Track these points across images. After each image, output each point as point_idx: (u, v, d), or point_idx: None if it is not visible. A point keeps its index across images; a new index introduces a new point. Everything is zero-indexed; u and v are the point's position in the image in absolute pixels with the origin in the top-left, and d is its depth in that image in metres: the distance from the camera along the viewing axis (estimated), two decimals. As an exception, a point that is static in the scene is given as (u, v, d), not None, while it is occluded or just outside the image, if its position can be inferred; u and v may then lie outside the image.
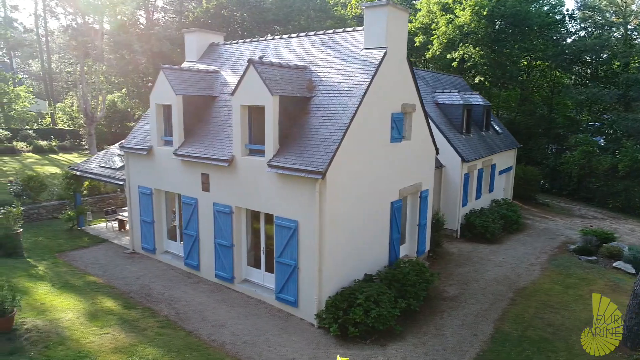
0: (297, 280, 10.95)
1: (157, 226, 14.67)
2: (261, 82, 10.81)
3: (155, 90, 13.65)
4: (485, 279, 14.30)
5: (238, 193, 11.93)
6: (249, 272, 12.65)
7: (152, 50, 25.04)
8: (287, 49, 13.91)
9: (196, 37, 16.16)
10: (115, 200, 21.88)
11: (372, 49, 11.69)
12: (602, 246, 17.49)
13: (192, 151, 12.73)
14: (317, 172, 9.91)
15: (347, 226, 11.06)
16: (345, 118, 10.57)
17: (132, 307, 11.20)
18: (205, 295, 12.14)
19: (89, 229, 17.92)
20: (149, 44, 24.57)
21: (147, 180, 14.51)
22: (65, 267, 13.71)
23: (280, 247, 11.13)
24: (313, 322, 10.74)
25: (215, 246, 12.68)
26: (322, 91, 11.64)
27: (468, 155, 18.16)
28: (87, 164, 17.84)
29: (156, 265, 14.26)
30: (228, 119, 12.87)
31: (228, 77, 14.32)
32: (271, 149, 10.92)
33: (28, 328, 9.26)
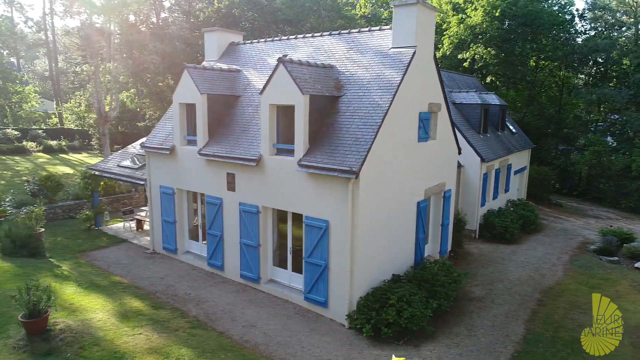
0: (327, 281, 10.87)
1: (179, 226, 14.61)
2: (291, 81, 10.74)
3: (179, 89, 13.58)
4: (510, 279, 14.22)
5: (265, 193, 11.86)
6: (275, 272, 12.58)
7: (165, 50, 24.98)
8: (311, 48, 13.84)
9: (216, 36, 16.09)
10: (130, 200, 21.82)
11: (400, 47, 11.62)
12: (623, 246, 17.41)
13: (217, 151, 12.66)
14: (351, 171, 9.83)
15: (376, 226, 10.99)
16: (377, 117, 10.50)
17: (160, 307, 11.13)
18: (232, 296, 12.07)
19: (107, 229, 17.85)
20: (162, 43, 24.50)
21: (169, 179, 14.44)
22: (89, 267, 13.64)
23: (309, 247, 11.06)
24: (344, 323, 10.67)
25: (241, 246, 12.61)
26: (350, 90, 11.57)
27: (487, 155, 18.08)
28: (105, 164, 17.77)
29: (178, 266, 14.19)
30: (253, 118, 12.80)
31: (251, 77, 14.25)
32: (301, 148, 10.85)
33: (61, 329, 9.19)
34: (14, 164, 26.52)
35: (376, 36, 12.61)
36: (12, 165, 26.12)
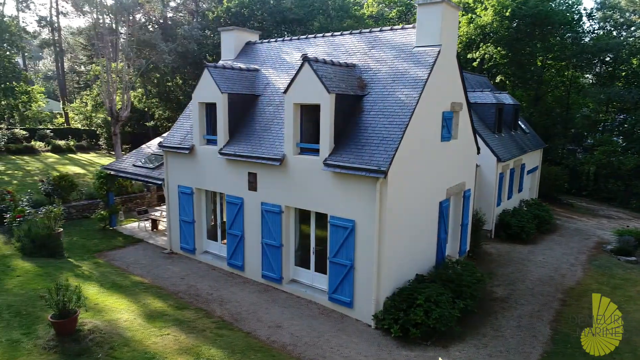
0: (352, 281, 10.81)
1: (197, 226, 14.54)
2: (317, 79, 10.67)
3: (199, 88, 13.51)
4: (530, 279, 14.15)
5: (288, 192, 11.79)
6: (297, 272, 12.51)
7: (177, 50, 24.92)
8: (330, 47, 13.77)
9: (233, 36, 16.03)
10: (142, 200, 21.77)
11: (425, 46, 11.55)
12: (640, 246, 17.35)
13: (238, 150, 12.59)
14: (379, 170, 9.77)
15: (402, 226, 10.92)
16: (404, 116, 10.43)
17: (184, 307, 11.07)
18: (255, 296, 12.00)
19: (122, 229, 17.79)
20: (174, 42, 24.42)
21: (187, 179, 14.38)
22: (108, 267, 13.58)
23: (334, 247, 10.99)
24: (370, 323, 10.60)
25: (263, 246, 12.54)
26: (374, 89, 11.50)
27: (503, 155, 18.01)
28: (120, 164, 17.71)
29: (197, 266, 14.13)
30: (274, 117, 12.74)
31: (270, 76, 14.19)
32: (327, 147, 10.78)
33: (90, 329, 9.12)
34: (24, 164, 26.47)
35: (399, 35, 12.54)
36: (22, 165, 26.07)
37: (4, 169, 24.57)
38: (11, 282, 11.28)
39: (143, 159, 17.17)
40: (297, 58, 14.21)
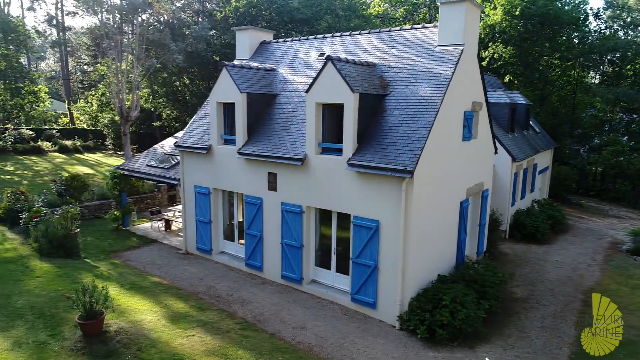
0: (376, 282, 10.73)
1: (214, 226, 14.46)
2: (340, 79, 10.60)
3: (217, 88, 13.44)
4: (549, 279, 14.09)
5: (310, 192, 11.72)
6: (317, 273, 12.43)
7: (187, 50, 24.84)
8: (348, 46, 13.70)
9: (248, 35, 15.94)
10: (153, 200, 21.69)
11: (447, 45, 11.47)
12: (656, 247, 17.29)
13: (257, 150, 12.52)
14: (405, 170, 9.70)
15: (426, 226, 10.86)
16: (429, 116, 10.36)
17: (206, 308, 10.99)
18: (275, 297, 11.92)
19: (135, 229, 17.72)
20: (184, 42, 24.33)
21: (204, 179, 14.30)
22: (125, 268, 13.50)
23: (358, 247, 10.92)
24: (394, 324, 10.53)
25: (282, 247, 12.47)
26: (396, 89, 11.43)
27: (518, 155, 17.94)
28: (133, 164, 17.63)
29: (214, 266, 14.04)
30: (294, 117, 12.66)
31: (287, 75, 14.11)
32: (350, 147, 10.71)
33: (116, 330, 9.05)
34: (32, 164, 26.38)
35: (419, 34, 12.47)
36: (30, 165, 25.98)
37: (13, 169, 24.49)
38: (32, 283, 11.20)
39: (157, 159, 17.09)
40: (314, 57, 14.15)
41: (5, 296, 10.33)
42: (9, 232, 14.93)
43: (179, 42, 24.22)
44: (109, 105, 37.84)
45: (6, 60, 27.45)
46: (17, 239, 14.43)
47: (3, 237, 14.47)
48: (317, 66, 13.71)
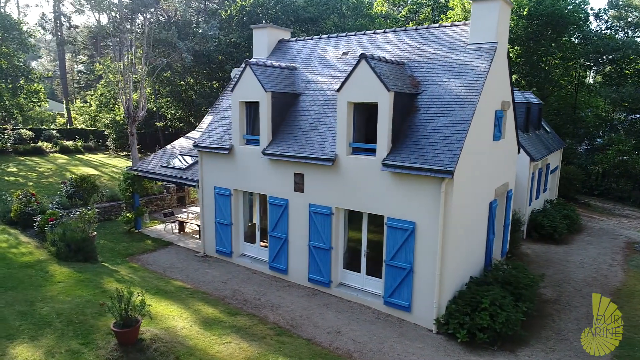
0: (411, 284, 10.50)
1: (235, 228, 14.14)
2: (375, 77, 10.36)
3: (239, 87, 13.12)
4: (575, 280, 13.98)
5: (340, 193, 11.45)
6: (345, 275, 12.17)
7: (194, 49, 24.41)
8: (373, 45, 13.46)
9: (266, 33, 15.64)
10: (162, 202, 21.28)
11: (480, 44, 11.28)
12: (673, 246, 17.28)
13: (283, 150, 12.23)
14: (445, 171, 9.48)
15: (462, 228, 10.65)
16: (466, 115, 10.15)
17: (236, 313, 10.68)
18: (304, 300, 11.65)
19: (148, 231, 17.32)
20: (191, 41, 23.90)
21: (225, 180, 13.97)
22: (145, 272, 13.13)
23: (392, 249, 10.68)
24: (430, 328, 10.31)
25: (310, 249, 12.19)
26: (428, 88, 11.21)
27: (535, 155, 17.84)
28: (146, 164, 17.23)
29: (236, 269, 13.73)
30: (320, 117, 12.39)
31: (309, 74, 13.84)
32: (385, 147, 10.47)
33: (151, 338, 8.71)
34: (34, 165, 25.80)
35: (448, 32, 12.27)
36: (33, 167, 25.40)
37: (16, 171, 23.91)
38: (54, 289, 10.80)
39: (172, 160, 16.71)
40: (337, 56, 13.89)
41: (29, 303, 9.94)
42: (22, 236, 14.47)
43: (187, 41, 23.81)
44: (108, 105, 37.27)
45: (6, 59, 26.84)
46: (31, 242, 13.98)
47: (17, 240, 14.02)
48: (341, 65, 13.47)
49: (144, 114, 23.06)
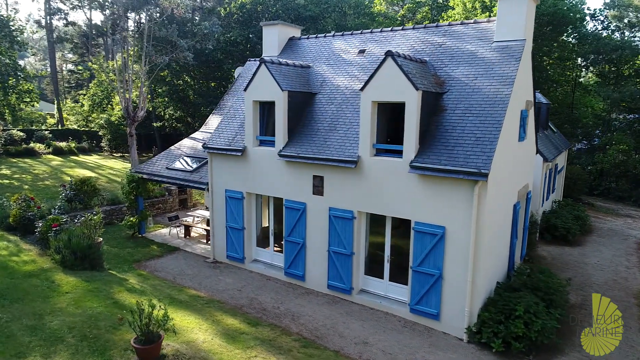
0: (440, 292, 10.08)
1: (247, 233, 13.60)
2: (402, 75, 9.92)
3: (253, 86, 12.60)
4: (597, 283, 13.69)
5: (362, 197, 10.99)
6: (367, 282, 11.72)
7: (195, 47, 23.74)
8: (391, 42, 13.02)
9: (277, 30, 15.12)
10: (165, 205, 20.62)
11: (507, 41, 10.91)
12: (687, 247, 17.14)
13: (301, 152, 11.73)
14: (479, 173, 9.08)
15: (491, 231, 10.25)
16: (498, 115, 9.76)
17: (257, 324, 10.15)
18: (325, 309, 11.16)
19: (152, 236, 16.69)
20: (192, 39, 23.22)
21: (237, 183, 13.43)
22: (155, 280, 12.54)
23: (419, 255, 10.24)
24: (461, 337, 9.90)
25: (330, 255, 11.71)
26: (454, 86, 10.80)
27: (548, 155, 17.59)
28: (150, 167, 16.58)
29: (249, 276, 13.19)
30: (339, 117, 11.93)
31: (325, 73, 13.35)
32: (412, 149, 10.04)
33: (173, 354, 8.16)
34: (28, 167, 24.91)
35: (471, 29, 11.89)
36: (27, 169, 24.51)
37: (9, 173, 23.02)
38: (62, 300, 10.16)
39: (178, 161, 16.10)
40: (353, 54, 13.43)
41: (37, 316, 9.30)
42: (22, 242, 13.75)
43: (188, 39, 23.16)
44: (101, 105, 36.35)
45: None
46: (32, 249, 13.27)
47: (17, 247, 13.30)
48: (357, 63, 13.01)
49: (143, 114, 22.36)
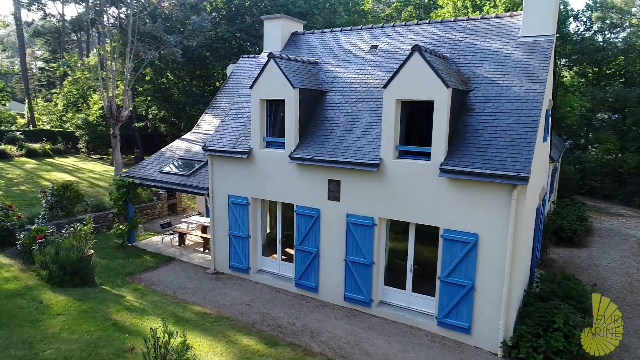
0: (472, 303, 9.42)
1: (253, 242, 12.65)
2: (431, 72, 9.21)
3: (261, 83, 11.67)
4: (614, 287, 13.36)
5: (384, 202, 10.23)
6: (386, 293, 10.96)
7: (183, 43, 22.46)
8: (406, 38, 12.32)
9: (279, 25, 14.21)
10: (153, 210, 19.37)
11: (533, 37, 10.34)
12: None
13: (316, 154, 10.88)
14: (519, 177, 8.45)
15: (524, 238, 9.66)
16: (533, 115, 9.17)
17: (274, 343, 9.25)
18: (345, 323, 10.34)
19: (143, 245, 15.51)
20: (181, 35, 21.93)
21: (242, 188, 12.46)
22: (155, 295, 11.44)
23: (448, 264, 9.55)
24: (495, 351, 9.25)
25: (347, 264, 10.90)
26: (480, 84, 10.17)
27: (554, 155, 17.27)
28: (141, 170, 15.39)
29: (256, 288, 12.25)
30: (355, 117, 11.14)
31: (335, 70, 12.54)
32: (441, 151, 9.34)
33: (191, 385, 7.17)
34: (0, 171, 23.11)
35: (493, 24, 11.29)
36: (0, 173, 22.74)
37: (-21, 178, 21.27)
38: (54, 324, 9.00)
39: (172, 164, 14.98)
40: (364, 49, 12.67)
41: (27, 345, 8.13)
42: (1, 256, 12.39)
43: (175, 34, 21.88)
44: (76, 104, 34.47)
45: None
46: (14, 264, 11.95)
47: (-4, 262, 11.97)
48: (370, 60, 12.25)
49: (128, 113, 20.98)
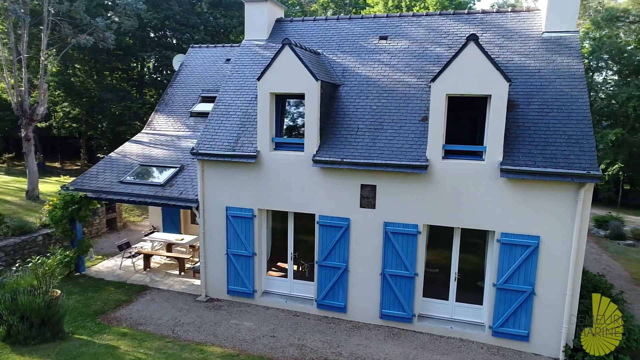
0: (531, 309, 8.95)
1: (258, 260, 10.82)
2: (489, 64, 8.51)
3: (272, 74, 9.92)
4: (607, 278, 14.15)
5: (430, 207, 9.30)
6: (426, 305, 10.04)
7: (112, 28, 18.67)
8: (419, 30, 11.51)
9: (265, 10, 12.42)
10: (90, 228, 16.02)
11: (558, 32, 10.24)
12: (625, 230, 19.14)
13: (346, 156, 9.54)
14: (589, 175, 8.14)
15: (575, 237, 9.46)
16: (583, 111, 8.98)
17: (336, 383, 7.78)
18: (392, 345, 9.20)
19: (97, 273, 12.60)
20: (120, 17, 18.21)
21: (245, 198, 10.55)
22: (153, 340, 9.08)
23: (506, 270, 8.97)
24: (556, 356, 8.92)
25: (384, 278, 9.75)
26: (516, 79, 9.75)
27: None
28: (92, 181, 12.40)
29: (268, 313, 10.48)
30: (384, 113, 10.03)
31: (342, 62, 11.27)
32: (499, 149, 8.69)
33: None
34: None
35: (511, 19, 10.99)
36: None
37: None
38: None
39: (135, 173, 12.30)
40: (373, 40, 11.57)
41: None
42: None
43: (101, 17, 18.20)
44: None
45: None
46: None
47: None
48: (380, 51, 11.24)
49: (44, 110, 17.02)
